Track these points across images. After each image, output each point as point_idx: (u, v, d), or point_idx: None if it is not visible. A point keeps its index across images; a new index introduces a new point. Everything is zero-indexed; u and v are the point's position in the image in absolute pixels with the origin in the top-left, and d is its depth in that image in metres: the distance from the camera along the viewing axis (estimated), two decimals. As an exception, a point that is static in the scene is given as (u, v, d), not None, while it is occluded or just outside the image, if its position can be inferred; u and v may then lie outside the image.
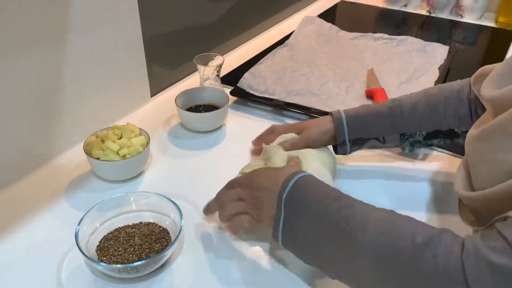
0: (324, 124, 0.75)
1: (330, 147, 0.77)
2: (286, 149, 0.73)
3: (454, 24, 1.50)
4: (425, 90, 0.75)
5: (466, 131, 0.60)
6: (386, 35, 1.27)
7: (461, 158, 0.83)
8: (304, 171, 0.59)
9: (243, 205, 0.61)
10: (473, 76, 0.71)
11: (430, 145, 0.75)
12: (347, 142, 0.73)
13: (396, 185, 0.77)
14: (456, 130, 0.72)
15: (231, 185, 0.64)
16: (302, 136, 0.75)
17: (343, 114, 0.74)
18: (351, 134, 0.73)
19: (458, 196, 0.57)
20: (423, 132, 0.72)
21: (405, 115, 0.72)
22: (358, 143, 0.74)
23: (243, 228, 0.62)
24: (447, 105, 0.72)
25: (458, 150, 0.83)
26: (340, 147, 0.75)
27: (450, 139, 0.73)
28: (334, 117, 0.74)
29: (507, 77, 0.54)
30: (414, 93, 0.75)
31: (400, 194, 0.75)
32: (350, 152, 0.75)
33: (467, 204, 0.56)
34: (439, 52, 1.17)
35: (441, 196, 0.75)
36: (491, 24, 1.50)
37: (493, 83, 0.55)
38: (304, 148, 0.73)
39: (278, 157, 0.69)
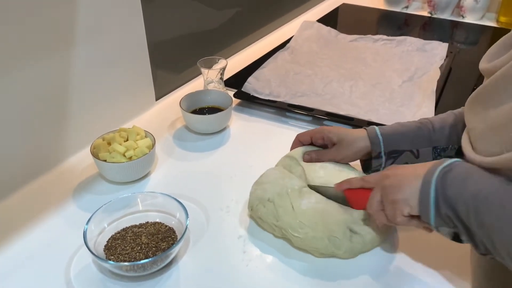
0: (357, 140, 0.73)
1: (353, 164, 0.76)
2: (313, 160, 0.73)
3: (455, 24, 1.51)
4: (452, 111, 0.75)
5: None
6: (385, 36, 1.28)
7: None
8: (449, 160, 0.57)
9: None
10: None
11: None
12: (383, 154, 0.72)
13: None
14: None
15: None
16: (332, 150, 0.74)
17: (376, 128, 0.73)
18: (386, 145, 0.72)
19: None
20: (455, 146, 0.70)
21: (436, 128, 0.72)
22: (392, 156, 0.73)
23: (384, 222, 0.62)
24: None
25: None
26: (375, 161, 0.73)
27: None
28: (368, 131, 0.73)
29: (497, 52, 0.59)
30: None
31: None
32: (384, 167, 0.73)
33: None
34: (438, 50, 1.18)
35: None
36: (493, 24, 1.50)
37: (488, 57, 0.60)
38: (329, 160, 0.73)
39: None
